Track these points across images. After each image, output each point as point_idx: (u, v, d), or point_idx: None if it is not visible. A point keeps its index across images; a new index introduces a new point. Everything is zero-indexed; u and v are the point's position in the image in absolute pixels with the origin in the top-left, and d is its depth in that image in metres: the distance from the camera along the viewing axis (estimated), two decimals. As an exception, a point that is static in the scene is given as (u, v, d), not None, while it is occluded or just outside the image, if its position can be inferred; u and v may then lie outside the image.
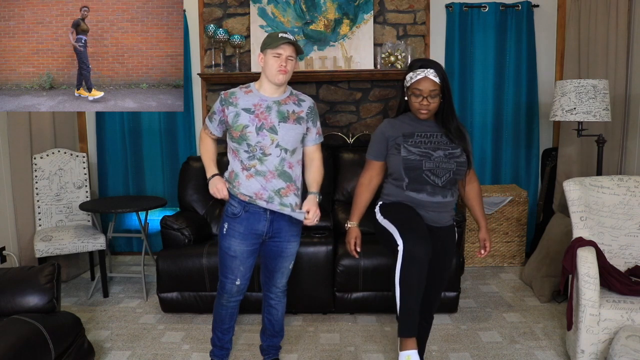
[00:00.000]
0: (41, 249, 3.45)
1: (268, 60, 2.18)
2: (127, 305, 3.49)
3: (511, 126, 4.32)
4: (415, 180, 2.13)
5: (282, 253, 2.37)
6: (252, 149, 2.21)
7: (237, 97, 2.25)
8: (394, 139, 2.17)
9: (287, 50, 2.16)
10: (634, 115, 3.40)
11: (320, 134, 2.40)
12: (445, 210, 2.20)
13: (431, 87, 2.08)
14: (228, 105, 2.24)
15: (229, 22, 4.16)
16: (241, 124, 2.20)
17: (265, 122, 2.20)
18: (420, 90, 2.09)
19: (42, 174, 3.80)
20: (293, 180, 2.27)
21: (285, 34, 2.18)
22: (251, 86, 2.29)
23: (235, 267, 2.32)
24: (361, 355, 2.78)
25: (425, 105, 2.10)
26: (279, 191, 2.24)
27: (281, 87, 2.26)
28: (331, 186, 3.79)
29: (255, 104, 2.22)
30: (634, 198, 2.69)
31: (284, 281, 2.47)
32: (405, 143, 2.14)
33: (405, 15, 4.12)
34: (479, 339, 2.93)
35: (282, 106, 2.24)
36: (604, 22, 3.57)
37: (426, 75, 2.08)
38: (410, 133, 2.16)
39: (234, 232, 2.29)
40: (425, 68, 2.09)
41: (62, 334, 2.23)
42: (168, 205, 4.09)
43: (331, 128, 4.24)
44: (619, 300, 2.40)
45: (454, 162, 2.13)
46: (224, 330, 2.50)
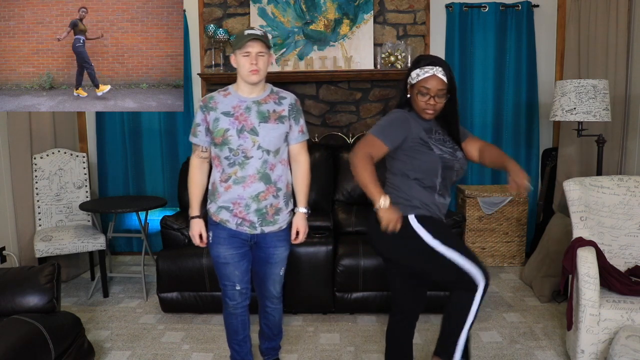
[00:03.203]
0: (41, 249, 3.45)
1: (239, 60, 2.09)
2: (127, 305, 3.48)
3: (511, 126, 4.32)
4: (445, 180, 2.04)
5: (269, 259, 2.30)
6: (234, 152, 2.13)
7: (216, 101, 2.17)
8: (417, 133, 2.00)
9: (255, 47, 2.06)
10: (634, 115, 3.40)
11: (304, 132, 2.28)
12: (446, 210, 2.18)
13: (439, 86, 1.96)
14: (209, 110, 2.16)
15: (229, 22, 4.16)
16: (222, 128, 2.13)
17: (245, 123, 2.13)
18: (427, 89, 1.97)
19: (42, 174, 3.80)
20: (273, 182, 2.18)
21: (252, 30, 2.08)
22: (229, 89, 2.21)
23: (229, 273, 2.27)
24: (361, 355, 2.78)
25: (431, 105, 1.98)
26: (257, 195, 2.16)
27: (259, 86, 2.17)
28: (331, 186, 3.79)
29: (235, 105, 2.15)
30: (634, 198, 2.69)
31: (277, 289, 2.39)
32: (431, 140, 2.00)
33: (405, 15, 4.12)
34: (479, 339, 2.93)
35: (262, 106, 2.16)
36: (604, 22, 3.57)
37: (435, 74, 1.96)
38: (430, 129, 2.04)
39: (218, 238, 2.24)
40: (433, 66, 1.97)
41: (62, 334, 2.23)
42: (168, 205, 4.09)
43: (331, 128, 4.24)
44: (619, 300, 2.40)
45: (466, 162, 2.11)
46: (239, 342, 2.42)
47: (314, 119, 4.24)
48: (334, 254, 3.16)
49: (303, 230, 2.29)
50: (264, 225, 2.21)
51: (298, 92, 4.20)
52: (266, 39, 2.10)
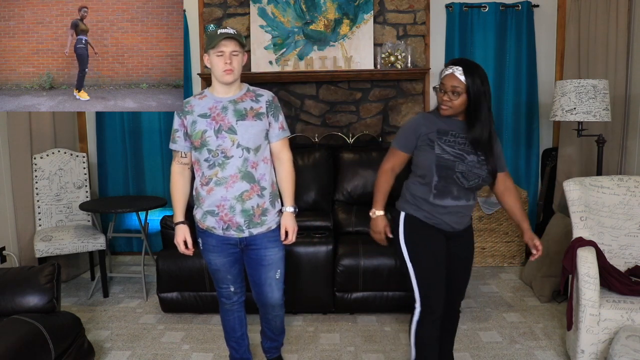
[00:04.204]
0: (41, 249, 3.45)
1: (212, 60, 2.07)
2: (127, 305, 3.48)
3: (511, 126, 4.32)
4: (444, 179, 2.08)
5: (261, 261, 2.25)
6: (213, 154, 2.11)
7: (192, 105, 2.16)
8: (427, 134, 2.10)
9: (229, 45, 2.03)
10: (634, 115, 3.40)
11: (284, 128, 2.25)
12: (468, 213, 2.19)
13: (453, 82, 2.03)
14: (185, 114, 2.15)
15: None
16: (199, 130, 2.11)
17: (222, 123, 2.10)
18: (443, 85, 2.06)
19: (42, 174, 3.80)
20: (256, 181, 2.15)
21: (225, 29, 2.05)
22: (205, 92, 2.20)
23: (222, 277, 2.29)
24: (361, 355, 2.78)
25: (446, 101, 2.06)
26: (241, 195, 2.12)
27: (234, 86, 2.15)
28: (331, 186, 3.79)
29: (211, 107, 2.13)
30: (634, 198, 2.69)
31: (276, 296, 2.31)
32: (440, 140, 2.08)
33: (405, 15, 4.12)
34: (479, 339, 2.93)
35: (239, 104, 2.13)
36: (604, 22, 3.56)
37: (452, 72, 2.04)
38: (445, 131, 2.09)
39: (208, 245, 2.24)
40: (454, 65, 2.06)
41: (62, 334, 2.23)
42: (168, 205, 4.08)
43: (331, 128, 4.24)
44: (619, 300, 2.40)
45: (485, 169, 2.10)
46: (237, 339, 2.42)
47: (314, 119, 4.24)
48: (334, 254, 3.16)
49: (292, 230, 2.25)
50: (252, 227, 2.18)
51: (298, 92, 4.21)
52: (240, 38, 2.07)
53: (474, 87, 2.03)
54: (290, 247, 2.40)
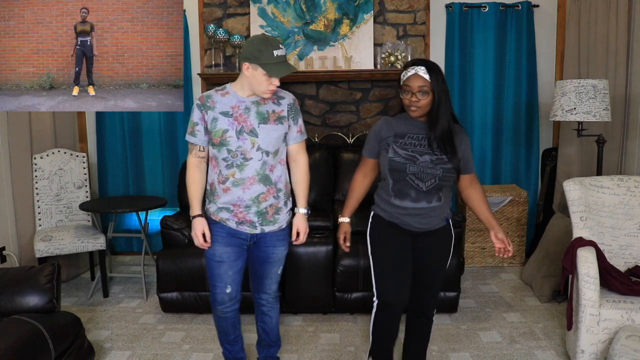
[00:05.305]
0: (41, 249, 3.45)
1: (257, 76, 2.03)
2: (127, 305, 3.49)
3: (511, 126, 4.32)
4: (399, 182, 2.11)
5: (268, 259, 2.27)
6: (232, 154, 2.10)
7: (214, 100, 2.12)
8: (386, 138, 2.15)
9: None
10: (634, 115, 3.40)
11: (302, 132, 2.26)
12: (433, 214, 2.15)
13: (420, 83, 2.04)
14: (207, 109, 2.11)
15: (229, 22, 4.16)
16: (220, 129, 2.09)
17: (245, 124, 2.09)
18: (409, 87, 2.06)
19: (42, 174, 3.80)
20: (273, 183, 2.16)
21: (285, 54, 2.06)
22: (227, 87, 2.16)
23: (223, 273, 2.22)
24: (361, 355, 2.78)
25: (414, 102, 2.06)
26: (257, 197, 2.14)
27: None
28: (331, 186, 3.79)
29: (233, 105, 2.11)
30: (634, 198, 2.69)
31: (274, 287, 2.36)
32: (395, 144, 2.11)
33: (405, 15, 4.12)
34: (479, 339, 2.93)
35: (261, 106, 2.13)
36: (604, 22, 3.57)
37: (416, 72, 2.05)
38: (402, 133, 2.13)
39: (216, 236, 2.20)
40: (416, 65, 2.07)
41: (62, 334, 2.24)
42: (168, 205, 4.08)
43: (331, 128, 4.24)
44: (619, 300, 2.40)
45: (440, 168, 2.08)
46: (230, 341, 2.42)
47: (314, 119, 4.24)
48: (334, 254, 3.16)
49: (304, 231, 2.29)
50: (264, 224, 2.20)
51: (298, 92, 4.20)
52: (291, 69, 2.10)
53: (437, 85, 2.06)
54: (291, 247, 2.40)
